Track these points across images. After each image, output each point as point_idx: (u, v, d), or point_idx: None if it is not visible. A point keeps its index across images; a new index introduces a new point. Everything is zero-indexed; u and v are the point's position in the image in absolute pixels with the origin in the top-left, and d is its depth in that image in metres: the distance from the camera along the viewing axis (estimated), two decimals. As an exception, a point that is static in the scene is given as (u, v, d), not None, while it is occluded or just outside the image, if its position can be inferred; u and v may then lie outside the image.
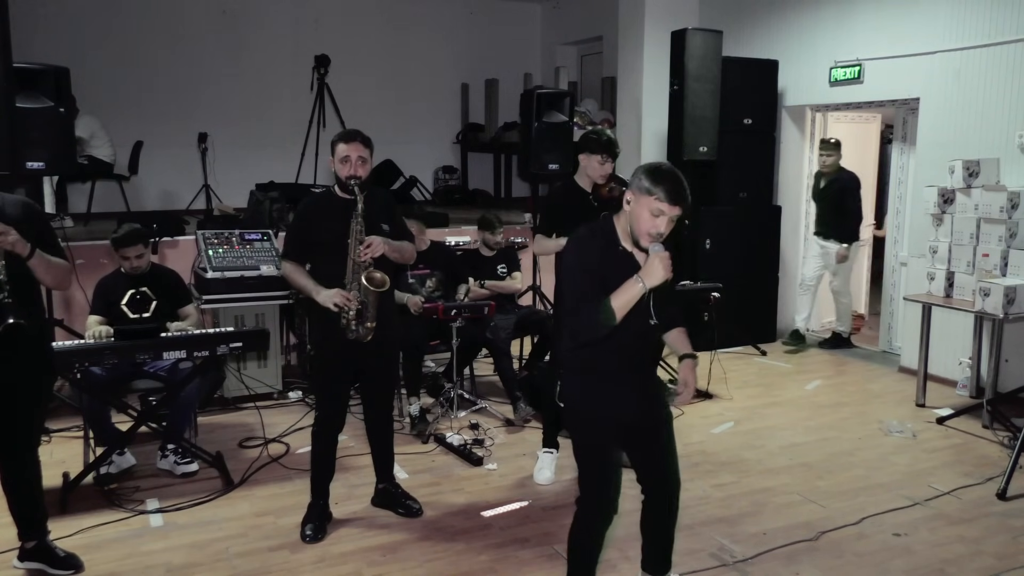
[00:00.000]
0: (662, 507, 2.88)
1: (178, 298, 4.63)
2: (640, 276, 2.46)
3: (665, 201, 2.46)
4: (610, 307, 2.45)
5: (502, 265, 5.81)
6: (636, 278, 2.46)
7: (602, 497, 2.72)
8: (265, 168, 8.56)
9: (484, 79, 10.25)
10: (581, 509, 2.77)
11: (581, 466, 2.75)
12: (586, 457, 2.73)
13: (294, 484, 4.13)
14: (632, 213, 2.53)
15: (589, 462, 2.73)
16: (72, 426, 4.80)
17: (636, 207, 2.52)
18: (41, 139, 4.70)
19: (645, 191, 2.49)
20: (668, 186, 2.47)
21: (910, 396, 5.51)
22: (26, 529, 3.27)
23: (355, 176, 3.43)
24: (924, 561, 3.46)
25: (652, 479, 2.84)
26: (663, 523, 2.91)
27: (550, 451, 4.27)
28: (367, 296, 3.43)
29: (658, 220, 2.48)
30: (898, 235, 6.66)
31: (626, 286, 2.47)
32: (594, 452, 2.72)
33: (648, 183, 2.49)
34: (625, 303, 2.46)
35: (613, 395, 2.65)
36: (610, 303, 2.45)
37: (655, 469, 2.82)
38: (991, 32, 5.45)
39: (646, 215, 2.48)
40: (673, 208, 2.47)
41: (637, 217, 2.51)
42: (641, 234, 2.51)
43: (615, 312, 2.45)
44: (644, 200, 2.49)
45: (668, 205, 2.46)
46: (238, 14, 9.47)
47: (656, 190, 2.47)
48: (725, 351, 6.55)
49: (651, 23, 7.43)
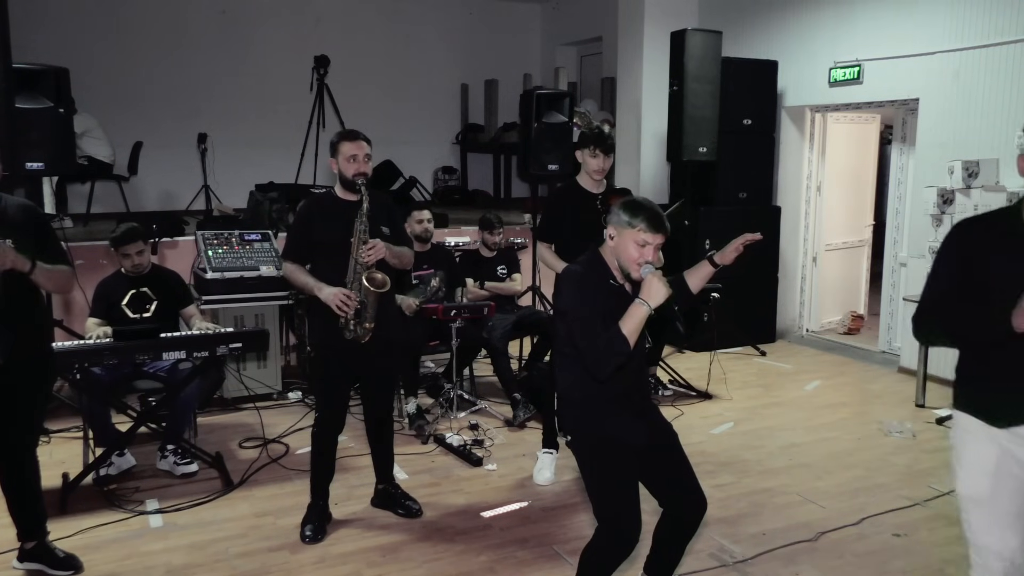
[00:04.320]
0: (687, 526, 2.79)
1: (179, 299, 4.63)
2: (643, 299, 2.48)
3: (648, 231, 2.52)
4: (622, 335, 2.46)
5: (502, 266, 5.81)
6: (639, 301, 2.48)
7: (624, 527, 2.62)
8: (265, 168, 8.56)
9: (484, 79, 10.26)
10: (601, 539, 2.67)
11: (599, 498, 2.66)
12: (603, 487, 2.65)
13: (294, 485, 4.13)
14: (618, 248, 2.58)
15: (606, 492, 2.65)
16: (72, 427, 4.80)
17: (620, 241, 2.57)
18: (41, 140, 4.70)
19: (626, 224, 2.55)
20: (647, 215, 2.53)
21: (910, 396, 5.51)
22: (26, 530, 3.27)
23: (363, 174, 3.45)
24: (924, 561, 3.46)
25: (678, 499, 2.74)
26: (682, 540, 2.83)
27: (550, 452, 4.27)
28: (367, 296, 3.43)
29: (645, 250, 2.53)
30: (898, 235, 6.66)
31: (632, 312, 2.48)
32: (611, 481, 2.63)
33: (627, 217, 2.55)
34: (634, 328, 2.47)
35: (621, 422, 2.62)
36: (621, 331, 2.46)
37: (680, 489, 2.73)
38: (990, 33, 5.45)
39: (632, 247, 2.54)
40: (656, 236, 2.53)
41: (623, 250, 2.56)
42: (631, 266, 2.55)
43: (628, 339, 2.46)
44: (627, 234, 2.54)
45: (652, 234, 2.52)
46: (238, 15, 9.48)
47: (636, 222, 2.53)
48: (725, 351, 6.55)
49: (650, 23, 7.43)
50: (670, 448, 2.74)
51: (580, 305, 2.56)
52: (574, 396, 2.68)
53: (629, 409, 2.65)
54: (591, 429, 2.64)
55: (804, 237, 7.34)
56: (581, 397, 2.66)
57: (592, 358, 2.50)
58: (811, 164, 7.29)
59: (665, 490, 2.74)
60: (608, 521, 2.65)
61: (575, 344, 2.55)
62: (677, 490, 2.74)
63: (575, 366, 2.63)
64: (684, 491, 2.74)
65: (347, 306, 3.41)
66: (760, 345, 6.90)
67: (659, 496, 2.76)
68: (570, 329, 2.58)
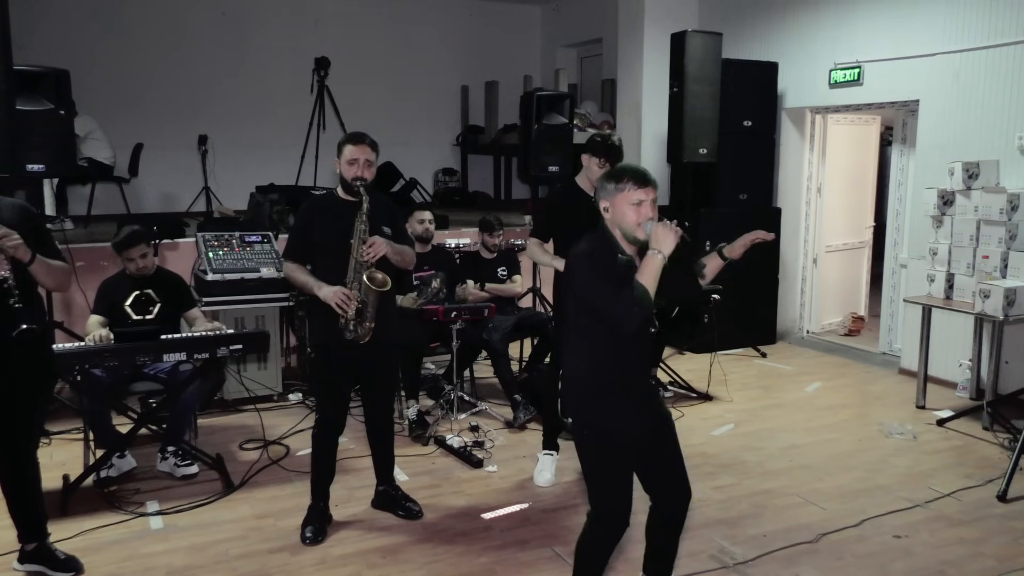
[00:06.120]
0: (673, 517, 2.85)
1: (182, 301, 4.62)
2: (655, 249, 2.51)
3: (637, 188, 2.57)
4: (641, 286, 2.49)
5: (502, 268, 5.81)
6: (653, 251, 2.51)
7: (617, 511, 2.69)
8: (265, 170, 8.57)
9: (484, 81, 10.26)
10: (594, 523, 2.73)
11: (594, 482, 2.71)
12: (600, 473, 2.69)
13: (294, 486, 4.13)
14: (615, 217, 2.61)
15: (604, 478, 2.69)
16: (72, 428, 4.80)
17: (616, 209, 2.61)
18: (41, 141, 4.71)
19: (615, 191, 2.60)
20: (630, 174, 2.60)
21: (910, 398, 5.51)
22: (26, 531, 3.27)
23: (361, 178, 3.46)
24: (924, 563, 3.45)
25: (664, 489, 2.81)
26: (672, 532, 2.88)
27: (550, 453, 4.27)
28: (367, 296, 3.43)
29: (641, 208, 2.57)
30: (898, 237, 6.67)
31: (646, 262, 2.52)
32: (609, 467, 2.68)
33: (613, 183, 2.61)
34: (652, 279, 2.50)
35: (623, 408, 2.64)
36: (640, 284, 2.49)
37: (667, 478, 2.79)
38: (990, 34, 5.45)
39: (629, 211, 2.58)
40: (647, 190, 2.58)
41: (622, 217, 2.59)
42: (633, 228, 2.58)
43: (647, 290, 2.49)
44: (619, 198, 2.59)
45: (642, 190, 2.57)
46: (238, 16, 9.48)
47: (624, 185, 2.58)
48: (725, 353, 6.56)
49: (651, 25, 7.44)
50: (665, 438, 2.77)
51: (594, 272, 2.58)
52: (578, 378, 2.71)
53: (631, 394, 2.67)
54: (592, 414, 2.66)
55: (804, 238, 7.34)
56: (585, 380, 2.68)
57: (616, 312, 2.50)
58: (811, 165, 7.29)
59: (652, 478, 2.79)
60: (600, 503, 2.71)
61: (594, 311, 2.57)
62: (664, 479, 2.79)
63: (582, 348, 2.66)
64: (671, 480, 2.79)
65: (347, 305, 3.41)
66: (760, 346, 6.90)
67: (645, 482, 2.81)
68: (585, 301, 2.60)
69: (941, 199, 5.39)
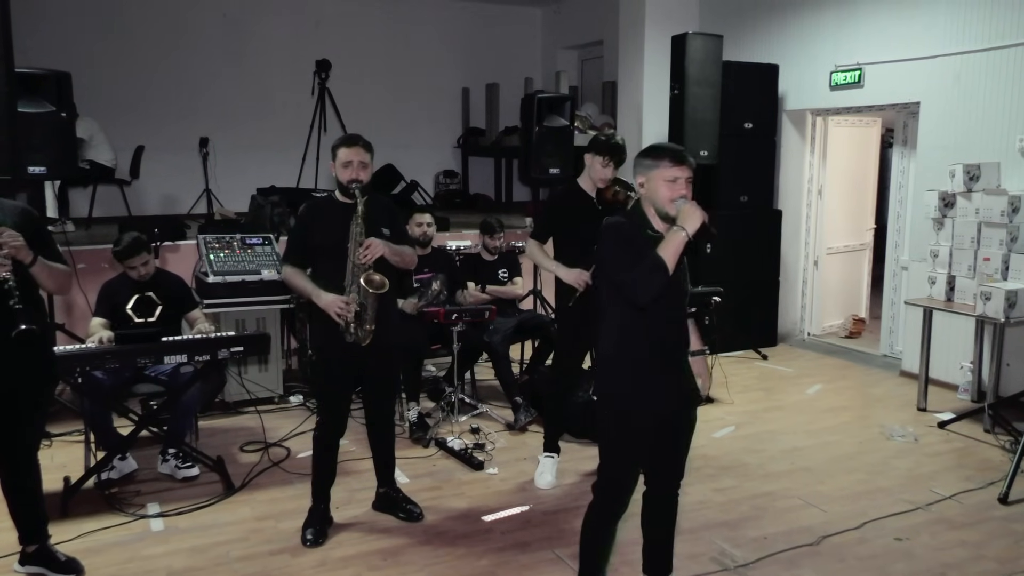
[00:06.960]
0: (666, 501, 2.92)
1: (183, 304, 4.63)
2: (680, 225, 2.56)
3: (674, 166, 2.63)
4: (660, 259, 2.53)
5: (503, 270, 5.81)
6: (677, 227, 2.56)
7: (620, 481, 2.78)
8: (266, 172, 8.57)
9: (485, 83, 10.27)
10: (600, 501, 2.81)
11: (607, 459, 2.79)
12: (614, 447, 2.77)
13: (295, 488, 4.13)
14: (649, 192, 2.68)
15: (616, 451, 2.77)
16: (73, 430, 4.79)
17: (650, 184, 2.67)
18: (43, 144, 4.71)
19: (651, 167, 2.66)
20: (668, 152, 2.66)
21: (911, 400, 5.50)
22: (27, 533, 3.27)
23: (356, 180, 3.46)
24: (926, 565, 3.45)
25: (661, 473, 2.88)
26: (666, 518, 2.95)
27: (551, 455, 4.27)
28: (366, 298, 3.43)
29: (676, 185, 2.63)
30: (899, 239, 6.66)
31: (669, 237, 2.57)
32: (624, 443, 2.75)
33: (650, 160, 2.68)
34: (673, 253, 2.54)
35: (653, 389, 2.69)
36: (659, 256, 2.53)
37: (666, 458, 2.86)
38: (991, 36, 5.45)
39: (663, 187, 2.64)
40: (683, 168, 2.64)
41: (655, 192, 2.66)
42: (666, 204, 2.64)
43: (667, 263, 2.52)
44: (655, 174, 2.65)
45: (678, 167, 2.63)
46: (239, 19, 9.49)
47: (660, 161, 2.65)
48: (726, 355, 6.55)
49: (651, 27, 7.44)
50: (681, 423, 2.83)
51: (616, 244, 2.63)
52: (610, 356, 2.75)
53: (663, 369, 2.71)
54: (618, 388, 2.70)
55: (805, 241, 7.34)
56: (616, 357, 2.73)
57: (633, 281, 2.55)
58: (812, 168, 7.29)
59: (653, 454, 2.83)
60: (609, 479, 2.79)
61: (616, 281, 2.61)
62: (663, 458, 2.85)
63: (613, 326, 2.71)
64: (669, 461, 2.87)
65: (346, 313, 3.41)
66: (761, 349, 6.89)
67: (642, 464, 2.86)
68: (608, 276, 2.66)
69: (942, 201, 5.39)
